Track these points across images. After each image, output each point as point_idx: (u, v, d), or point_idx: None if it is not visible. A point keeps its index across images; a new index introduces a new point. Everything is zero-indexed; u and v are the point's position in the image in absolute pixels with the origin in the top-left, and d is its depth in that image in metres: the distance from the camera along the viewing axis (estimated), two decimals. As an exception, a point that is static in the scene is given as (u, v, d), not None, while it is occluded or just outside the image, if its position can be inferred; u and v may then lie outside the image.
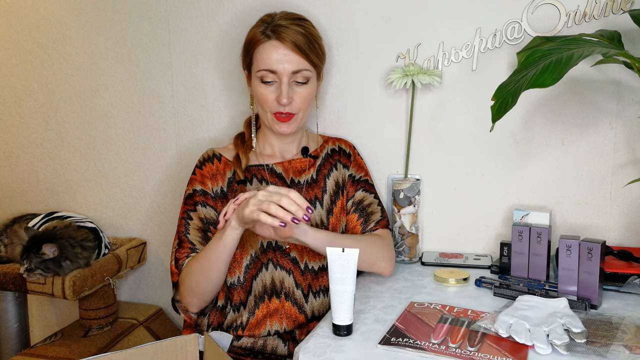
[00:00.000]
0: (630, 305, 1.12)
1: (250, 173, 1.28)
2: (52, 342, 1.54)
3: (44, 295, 1.45)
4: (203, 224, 1.23)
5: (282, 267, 1.23)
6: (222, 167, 1.28)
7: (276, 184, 1.27)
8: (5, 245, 1.57)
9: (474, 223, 1.44)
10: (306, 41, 1.21)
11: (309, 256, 1.26)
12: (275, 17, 1.23)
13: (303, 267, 1.24)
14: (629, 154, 1.31)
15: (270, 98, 1.22)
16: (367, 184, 1.36)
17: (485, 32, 1.35)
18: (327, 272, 1.23)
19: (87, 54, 1.69)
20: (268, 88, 1.22)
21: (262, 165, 1.29)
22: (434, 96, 1.42)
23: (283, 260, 1.24)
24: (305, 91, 1.23)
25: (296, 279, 1.23)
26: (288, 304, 1.22)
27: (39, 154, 1.80)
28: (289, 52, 1.19)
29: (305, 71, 1.21)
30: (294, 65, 1.19)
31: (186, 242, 1.22)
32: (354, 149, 1.41)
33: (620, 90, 1.29)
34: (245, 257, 1.22)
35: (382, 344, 0.98)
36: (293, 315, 1.22)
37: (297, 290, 1.23)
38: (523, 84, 1.00)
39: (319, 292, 1.26)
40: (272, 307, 1.22)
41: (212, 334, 1.19)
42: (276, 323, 1.21)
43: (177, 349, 1.09)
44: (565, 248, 1.12)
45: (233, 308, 1.23)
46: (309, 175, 1.30)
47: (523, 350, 0.93)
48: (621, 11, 1.26)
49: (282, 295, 1.22)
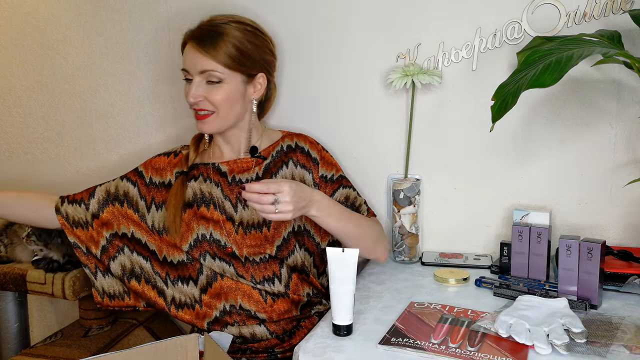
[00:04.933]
0: (630, 305, 1.12)
1: (198, 171, 1.31)
2: (52, 342, 1.53)
3: (44, 295, 1.45)
4: (108, 192, 1.34)
5: (222, 259, 1.25)
6: (175, 161, 1.34)
7: (218, 182, 1.29)
8: (5, 245, 1.57)
9: (474, 223, 1.44)
10: (221, 43, 1.20)
11: (249, 250, 1.25)
12: (204, 19, 1.27)
13: (243, 260, 1.25)
14: (629, 154, 1.31)
15: (186, 95, 1.26)
16: (344, 180, 1.34)
17: (485, 32, 1.35)
18: (269, 263, 1.25)
19: (87, 54, 1.69)
20: (187, 86, 1.26)
21: (209, 164, 1.31)
22: (434, 96, 1.42)
23: (221, 253, 1.26)
24: (218, 91, 1.22)
25: (237, 270, 1.25)
26: (239, 282, 1.24)
27: (39, 154, 1.80)
28: (196, 53, 1.21)
29: (214, 72, 1.21)
30: (200, 65, 1.21)
31: (90, 190, 1.35)
32: (316, 145, 1.35)
33: (620, 90, 1.29)
34: (184, 244, 1.27)
35: (382, 344, 0.98)
36: (246, 291, 1.24)
37: (241, 278, 1.25)
38: (523, 84, 1.00)
39: (267, 280, 1.26)
40: (225, 284, 1.25)
41: (212, 334, 1.19)
42: (231, 299, 1.24)
43: (177, 349, 1.09)
44: (565, 248, 1.12)
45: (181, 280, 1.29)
46: (254, 173, 1.30)
47: (523, 350, 0.94)
48: (621, 11, 1.26)
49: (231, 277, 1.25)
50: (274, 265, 1.25)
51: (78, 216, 1.33)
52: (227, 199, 1.28)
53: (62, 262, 1.46)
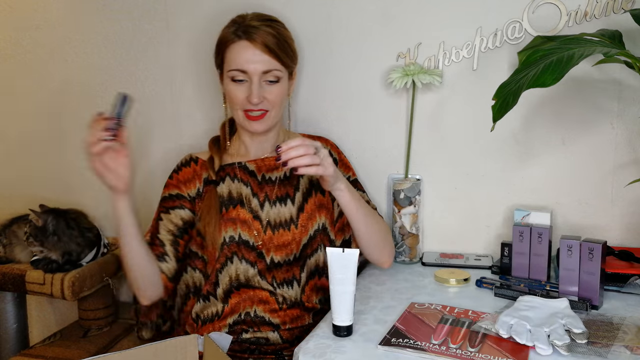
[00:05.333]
0: (631, 306, 1.12)
1: (224, 172, 1.30)
2: (51, 343, 1.53)
3: (43, 295, 1.45)
4: (175, 227, 1.27)
5: (247, 261, 1.24)
6: (199, 169, 1.31)
7: (247, 181, 1.28)
8: (4, 245, 1.57)
9: (474, 223, 1.44)
10: (276, 42, 1.23)
11: (276, 251, 1.25)
12: (247, 17, 1.25)
13: (268, 261, 1.24)
14: (630, 154, 1.31)
15: (241, 97, 1.24)
16: (358, 184, 1.37)
17: (486, 31, 1.35)
18: (292, 265, 1.25)
19: (87, 54, 1.69)
20: (239, 87, 1.24)
21: (234, 163, 1.30)
22: (434, 96, 1.42)
23: (249, 254, 1.24)
24: (276, 90, 1.24)
25: (260, 271, 1.24)
26: (257, 290, 1.23)
27: (39, 154, 1.80)
28: (259, 52, 1.21)
29: (276, 71, 1.23)
30: (264, 65, 1.21)
31: (157, 241, 1.25)
32: (335, 147, 1.40)
33: (621, 89, 1.29)
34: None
35: (382, 344, 0.97)
36: (264, 298, 1.23)
37: (262, 281, 1.24)
38: (524, 84, 1.00)
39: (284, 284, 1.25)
40: (243, 294, 1.23)
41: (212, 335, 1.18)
42: (248, 307, 1.23)
43: (177, 350, 1.08)
44: (566, 248, 1.12)
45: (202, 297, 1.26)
46: (282, 172, 1.30)
47: (524, 351, 0.93)
48: (622, 10, 1.25)
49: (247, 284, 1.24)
50: (295, 269, 1.25)
51: (172, 270, 1.27)
52: (256, 197, 1.27)
53: (62, 262, 1.46)
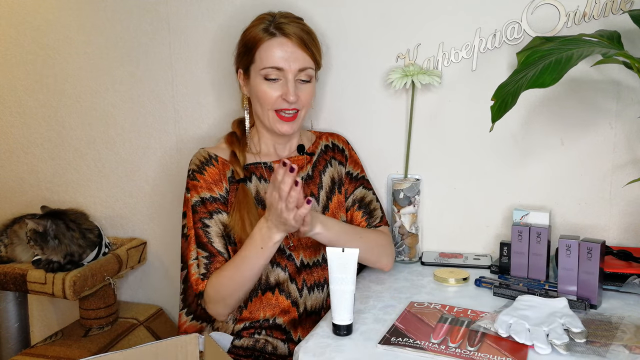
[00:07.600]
0: (629, 305, 1.12)
1: (248, 171, 1.28)
2: (52, 342, 1.54)
3: (44, 295, 1.45)
4: (221, 231, 1.22)
5: (278, 265, 1.23)
6: (222, 168, 1.25)
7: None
8: (6, 245, 1.58)
9: (473, 223, 1.44)
10: (310, 38, 1.23)
11: (305, 253, 1.26)
12: (276, 15, 1.24)
13: (299, 263, 1.25)
14: (629, 154, 1.31)
15: (274, 96, 1.21)
16: (365, 181, 1.38)
17: (485, 32, 1.35)
18: (320, 268, 1.25)
19: (87, 54, 1.69)
20: (272, 85, 1.21)
21: (260, 163, 1.29)
22: (433, 96, 1.42)
23: (280, 258, 1.23)
24: (308, 89, 1.25)
25: (291, 274, 1.23)
26: (282, 297, 1.22)
27: (39, 154, 1.80)
28: (296, 49, 1.20)
29: (310, 69, 1.23)
30: (300, 62, 1.20)
31: (216, 252, 1.19)
32: (347, 144, 1.41)
33: (619, 90, 1.30)
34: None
35: (382, 343, 0.98)
36: (286, 308, 1.22)
37: (291, 285, 1.23)
38: (523, 84, 1.01)
39: (314, 287, 1.26)
40: (265, 300, 1.22)
41: (212, 334, 1.19)
42: (269, 315, 1.22)
43: (177, 349, 1.09)
44: (565, 248, 1.12)
45: None
46: (306, 172, 1.31)
47: (523, 350, 0.94)
48: (621, 11, 1.26)
49: (275, 288, 1.23)
50: (325, 271, 1.26)
51: None
52: None
53: (63, 263, 1.46)
